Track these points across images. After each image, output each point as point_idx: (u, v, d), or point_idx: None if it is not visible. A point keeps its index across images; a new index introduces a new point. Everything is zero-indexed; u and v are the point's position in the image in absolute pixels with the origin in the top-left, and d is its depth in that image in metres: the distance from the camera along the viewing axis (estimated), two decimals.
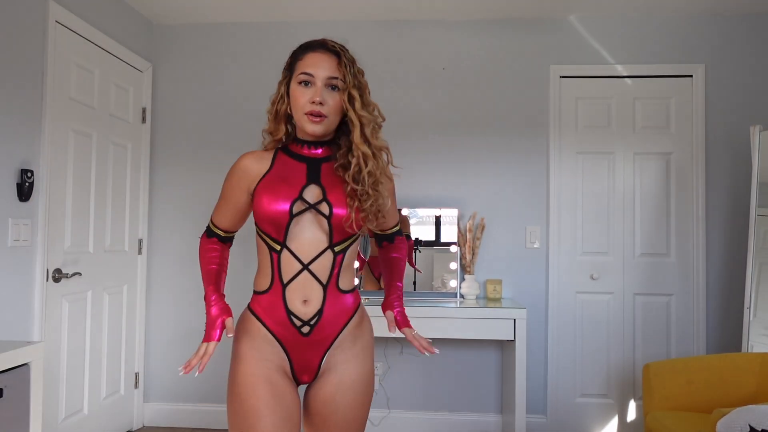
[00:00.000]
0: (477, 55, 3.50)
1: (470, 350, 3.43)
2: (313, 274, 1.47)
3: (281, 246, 1.47)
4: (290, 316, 1.47)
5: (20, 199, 2.49)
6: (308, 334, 1.47)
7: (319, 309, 1.47)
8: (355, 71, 1.49)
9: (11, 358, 1.75)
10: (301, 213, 1.45)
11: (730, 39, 3.38)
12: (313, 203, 1.46)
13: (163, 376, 3.54)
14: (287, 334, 1.48)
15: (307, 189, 1.48)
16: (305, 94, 1.46)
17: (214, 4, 3.38)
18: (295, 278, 1.46)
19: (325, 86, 1.46)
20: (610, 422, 3.37)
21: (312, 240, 1.47)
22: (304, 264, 1.47)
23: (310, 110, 1.45)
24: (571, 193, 3.44)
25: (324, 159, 1.52)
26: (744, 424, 1.89)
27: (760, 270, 2.91)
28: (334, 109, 1.47)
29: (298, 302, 1.46)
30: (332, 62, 1.47)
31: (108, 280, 3.17)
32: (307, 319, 1.47)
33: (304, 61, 1.49)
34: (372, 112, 1.50)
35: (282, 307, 1.47)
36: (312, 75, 1.46)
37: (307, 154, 1.53)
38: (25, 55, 2.51)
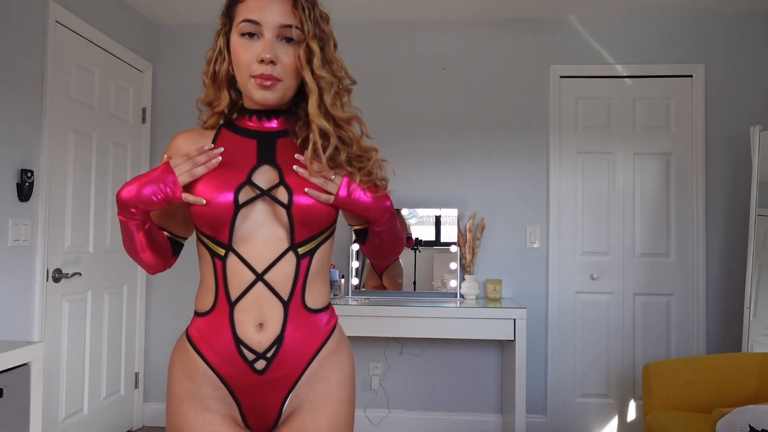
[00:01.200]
0: (477, 55, 3.50)
1: (470, 350, 3.43)
2: (269, 286, 1.09)
3: (226, 249, 1.10)
4: (240, 347, 1.08)
5: (20, 199, 2.49)
6: (264, 371, 1.09)
7: (278, 336, 1.09)
8: (316, 17, 1.12)
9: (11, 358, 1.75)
10: (251, 202, 1.09)
11: (730, 39, 3.38)
12: (267, 189, 1.10)
13: (163, 376, 3.54)
14: (235, 373, 1.09)
15: (257, 171, 1.12)
16: (250, 49, 1.10)
17: (214, 4, 3.36)
18: (247, 293, 1.09)
19: (277, 38, 1.10)
20: (610, 422, 3.37)
21: (268, 239, 1.10)
22: (258, 273, 1.09)
23: (258, 72, 1.09)
24: (571, 193, 3.44)
25: (280, 133, 1.17)
26: (744, 424, 1.89)
27: (760, 270, 2.91)
28: (289, 68, 1.11)
29: (250, 327, 1.08)
30: (286, 4, 1.10)
31: (108, 280, 3.17)
32: (263, 351, 1.08)
33: (248, 3, 1.12)
34: (337, 72, 1.14)
35: (229, 335, 1.09)
36: (258, 23, 1.09)
37: (257, 127, 1.17)
38: (25, 55, 2.51)
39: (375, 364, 3.44)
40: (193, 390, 1.11)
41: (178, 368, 1.14)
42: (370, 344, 3.40)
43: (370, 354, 3.41)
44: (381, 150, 1.20)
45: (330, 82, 1.11)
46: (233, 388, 1.11)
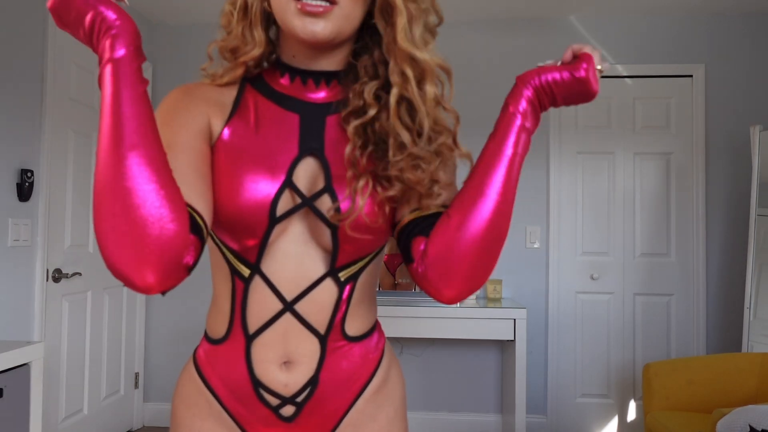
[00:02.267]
0: (477, 55, 3.50)
1: (470, 350, 3.43)
2: (300, 318, 0.81)
3: (252, 270, 0.80)
4: (258, 390, 0.82)
5: (20, 199, 2.49)
6: (292, 418, 0.84)
7: (311, 377, 0.83)
8: None
9: (11, 358, 1.75)
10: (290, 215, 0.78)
11: (730, 39, 3.38)
12: (310, 196, 0.78)
13: (163, 376, 3.54)
14: (253, 417, 0.84)
15: (299, 166, 0.78)
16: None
17: (214, 4, 3.37)
18: (270, 325, 0.81)
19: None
20: (610, 422, 3.37)
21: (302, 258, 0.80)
22: (287, 302, 0.81)
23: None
24: (571, 193, 3.44)
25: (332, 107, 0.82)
26: (744, 424, 1.89)
27: (760, 270, 2.91)
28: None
29: (273, 366, 0.82)
30: None
31: (108, 280, 3.17)
32: (291, 395, 0.82)
33: None
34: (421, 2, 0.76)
35: (245, 374, 0.82)
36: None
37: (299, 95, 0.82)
38: (25, 56, 2.51)
39: None
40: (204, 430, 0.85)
41: (185, 407, 0.87)
42: None
43: None
44: None
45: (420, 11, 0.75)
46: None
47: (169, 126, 0.75)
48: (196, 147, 0.75)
